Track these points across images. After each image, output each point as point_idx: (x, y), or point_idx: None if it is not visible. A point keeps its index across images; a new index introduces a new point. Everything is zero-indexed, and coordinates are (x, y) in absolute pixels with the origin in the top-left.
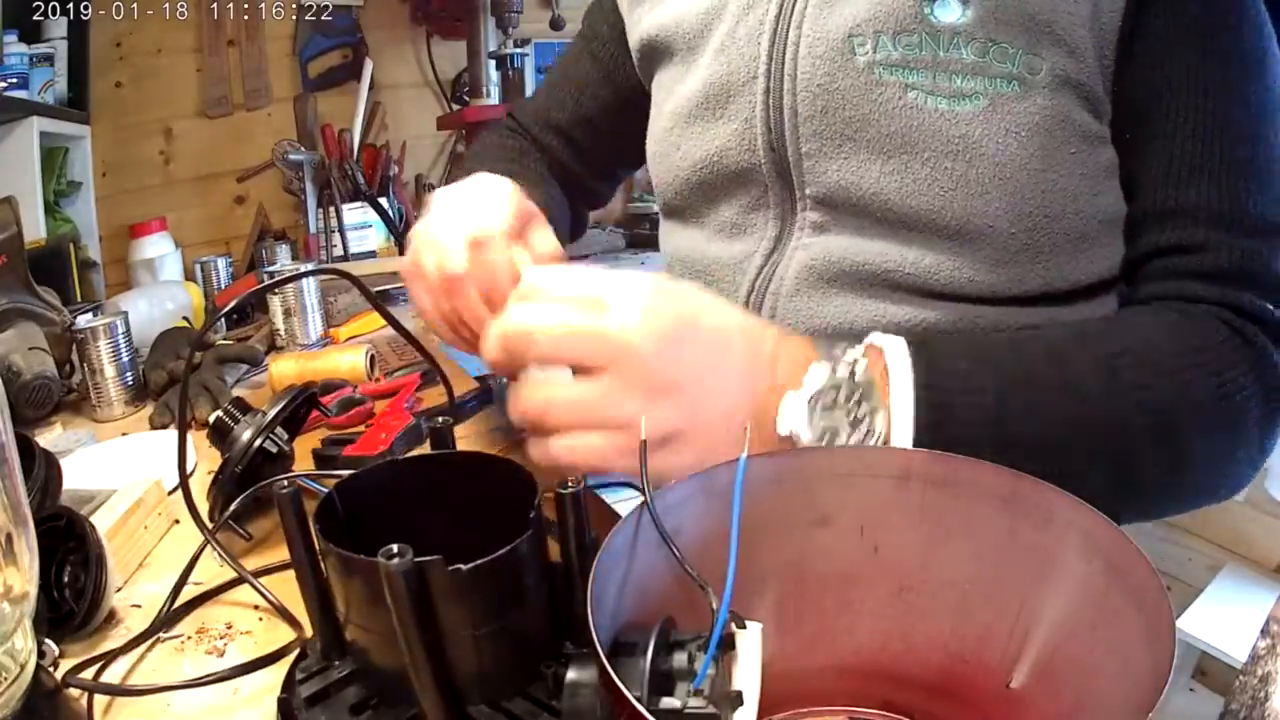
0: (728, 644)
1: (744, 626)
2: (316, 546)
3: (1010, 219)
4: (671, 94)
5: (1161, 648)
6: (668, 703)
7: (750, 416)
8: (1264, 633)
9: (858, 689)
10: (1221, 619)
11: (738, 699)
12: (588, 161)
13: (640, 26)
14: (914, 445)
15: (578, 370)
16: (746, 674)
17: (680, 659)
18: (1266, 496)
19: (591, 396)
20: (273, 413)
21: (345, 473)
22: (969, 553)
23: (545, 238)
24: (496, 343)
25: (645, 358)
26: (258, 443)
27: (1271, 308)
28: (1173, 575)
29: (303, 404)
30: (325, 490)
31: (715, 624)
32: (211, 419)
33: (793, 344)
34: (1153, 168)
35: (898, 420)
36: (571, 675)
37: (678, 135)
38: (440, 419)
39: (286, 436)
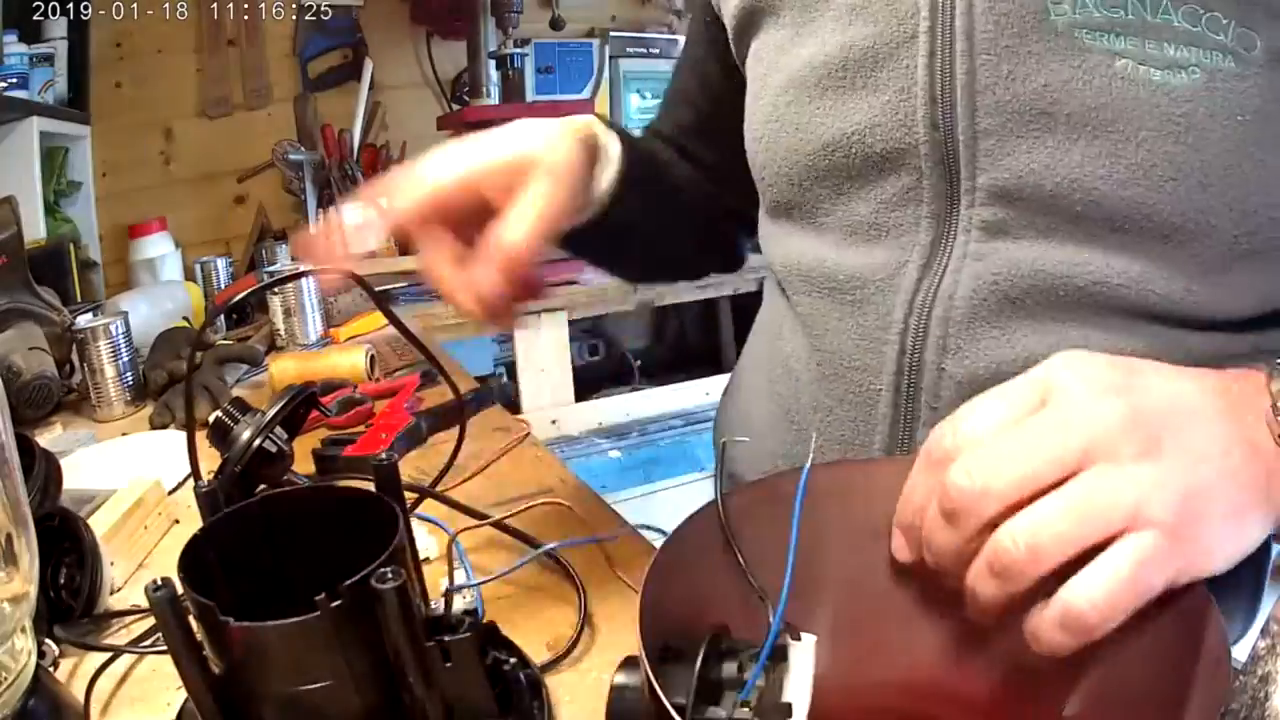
0: (779, 655)
1: (798, 638)
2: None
3: (1235, 216)
4: (780, 64)
5: (1215, 680)
6: (713, 713)
7: (1247, 448)
8: (1264, 633)
9: (911, 707)
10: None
11: (787, 711)
12: (711, 174)
13: None
14: None
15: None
16: (798, 686)
17: (730, 669)
18: None
19: (1095, 494)
20: (272, 412)
21: (348, 477)
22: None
23: (521, 213)
24: (978, 584)
25: (1139, 433)
26: (257, 443)
27: None
28: None
29: (302, 404)
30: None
31: (768, 636)
32: (211, 419)
33: (1230, 371)
34: None
35: None
36: (619, 679)
37: (796, 112)
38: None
39: (286, 436)
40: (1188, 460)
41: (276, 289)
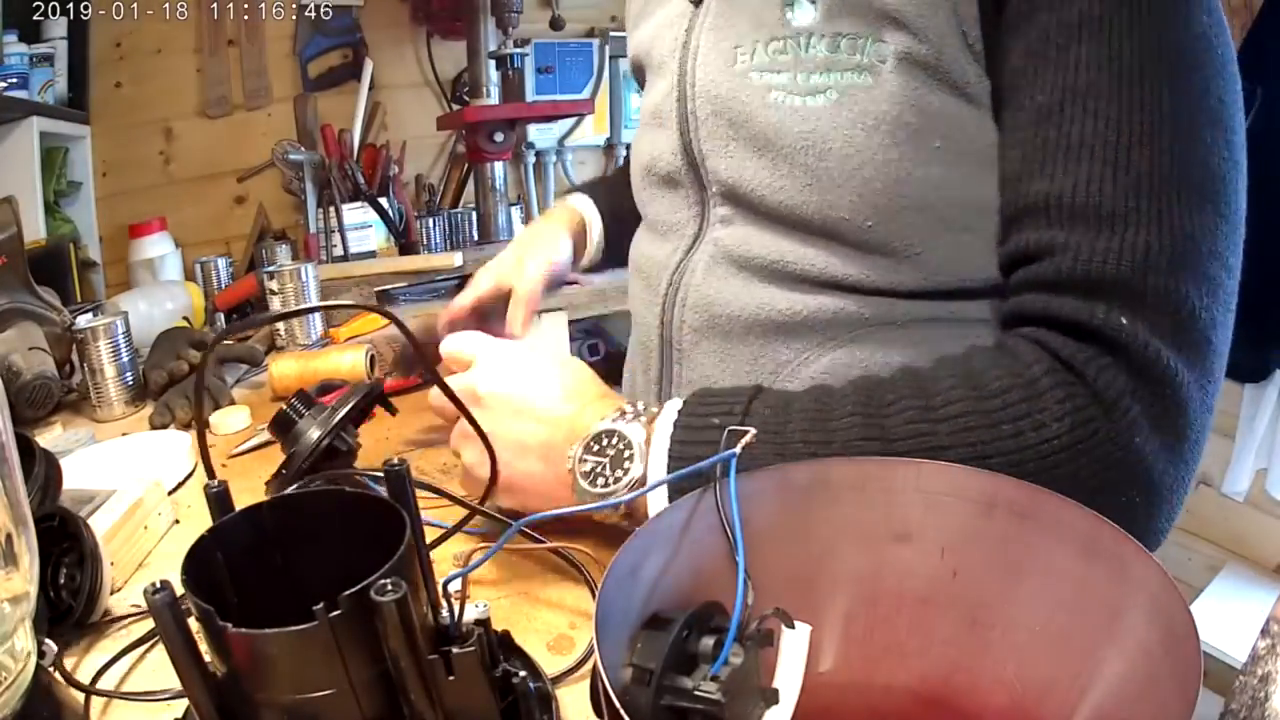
0: (766, 640)
1: (792, 626)
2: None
3: (865, 212)
4: (643, 108)
5: (1188, 690)
6: (680, 682)
7: (544, 450)
8: (1264, 633)
9: (919, 713)
10: (1221, 619)
11: (773, 696)
12: None
13: (630, 46)
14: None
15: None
16: (788, 674)
17: (707, 643)
18: (1266, 496)
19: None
20: (343, 411)
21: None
22: (1044, 595)
23: (524, 282)
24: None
25: (478, 402)
26: (327, 441)
27: (1124, 320)
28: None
29: (371, 401)
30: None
31: (734, 614)
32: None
33: (603, 402)
34: (1010, 156)
35: (654, 459)
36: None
37: (636, 143)
38: (216, 484)
39: (355, 433)
40: (498, 444)
41: (277, 289)
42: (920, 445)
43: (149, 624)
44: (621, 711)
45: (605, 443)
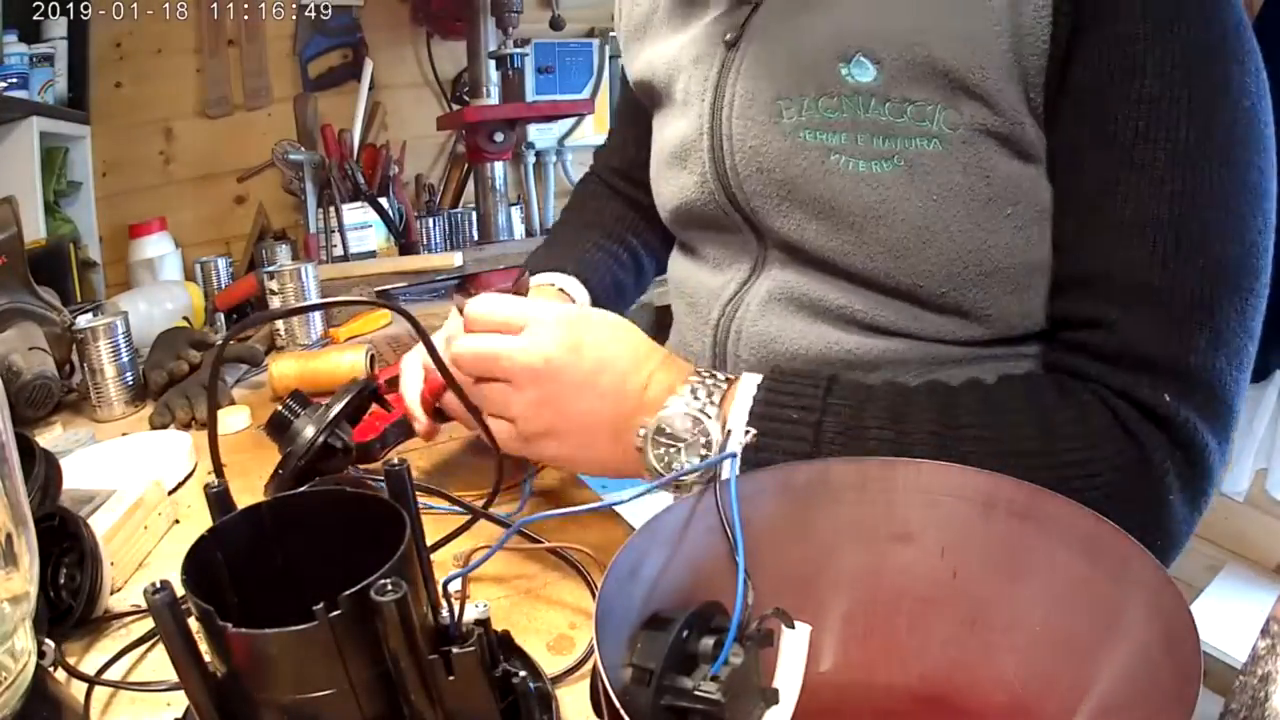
0: (766, 640)
1: (792, 626)
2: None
3: (938, 279)
4: (658, 138)
5: (1188, 693)
6: (680, 681)
7: (610, 429)
8: (1264, 633)
9: (919, 713)
10: (1221, 619)
11: (773, 696)
12: (641, 201)
13: (633, 66)
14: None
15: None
16: (788, 674)
17: (707, 643)
18: (1266, 496)
19: (497, 395)
20: (337, 408)
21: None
22: (1044, 595)
23: None
24: (451, 357)
25: (534, 379)
26: (321, 439)
27: (1168, 397)
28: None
29: (365, 398)
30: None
31: (734, 615)
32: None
33: (669, 369)
34: (1064, 225)
35: (735, 428)
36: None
37: (660, 178)
38: (216, 484)
39: (350, 431)
40: (561, 422)
41: (277, 289)
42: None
43: (149, 623)
44: (621, 711)
45: (680, 428)
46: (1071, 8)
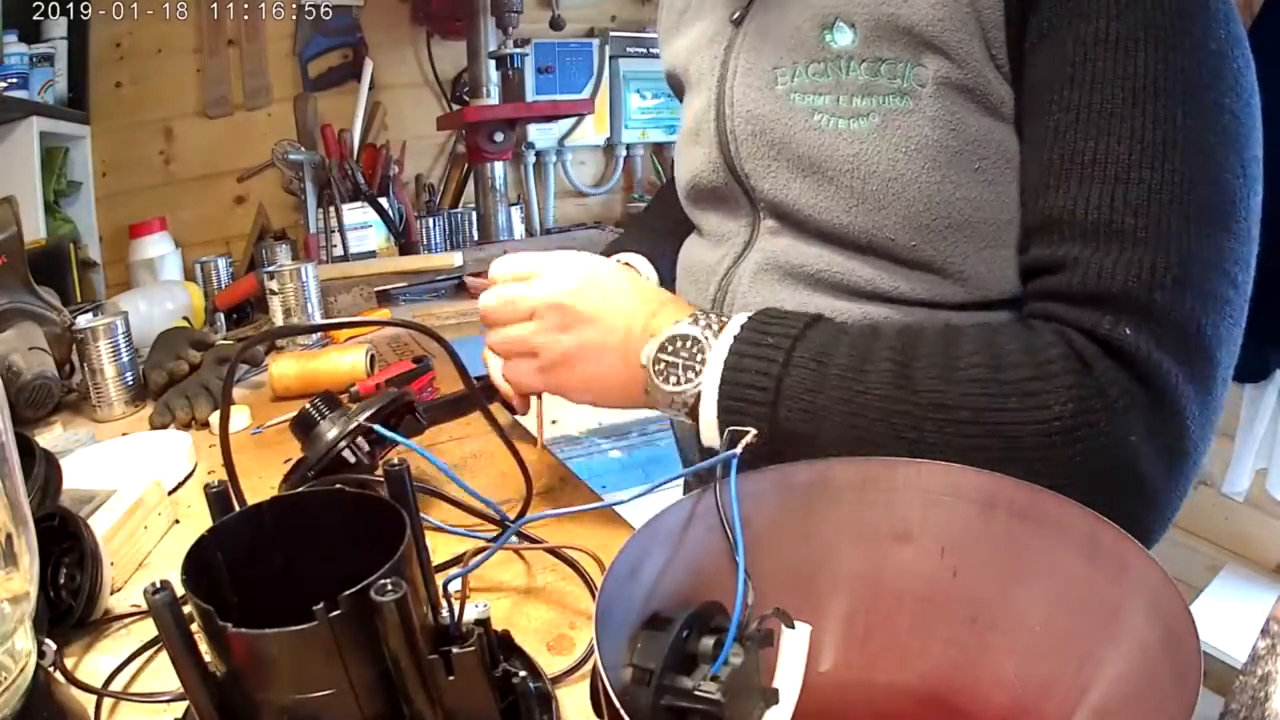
0: (766, 640)
1: (792, 626)
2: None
3: (909, 231)
4: (681, 121)
5: (1187, 693)
6: (680, 682)
7: (621, 353)
8: (1264, 633)
9: (919, 713)
10: (1221, 619)
11: (773, 696)
12: None
13: (665, 60)
14: (718, 395)
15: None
16: (788, 674)
17: (707, 643)
18: (1267, 496)
19: (520, 332)
20: (362, 416)
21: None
22: (1044, 595)
23: None
24: (481, 312)
25: (552, 308)
26: (340, 445)
27: (1129, 331)
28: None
29: (399, 409)
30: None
31: (734, 615)
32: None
33: (674, 306)
34: (1029, 170)
35: (709, 369)
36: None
37: (679, 157)
38: (216, 484)
39: (367, 448)
40: (576, 346)
41: (277, 289)
42: (934, 400)
43: (149, 623)
44: (621, 711)
45: (679, 345)
46: None
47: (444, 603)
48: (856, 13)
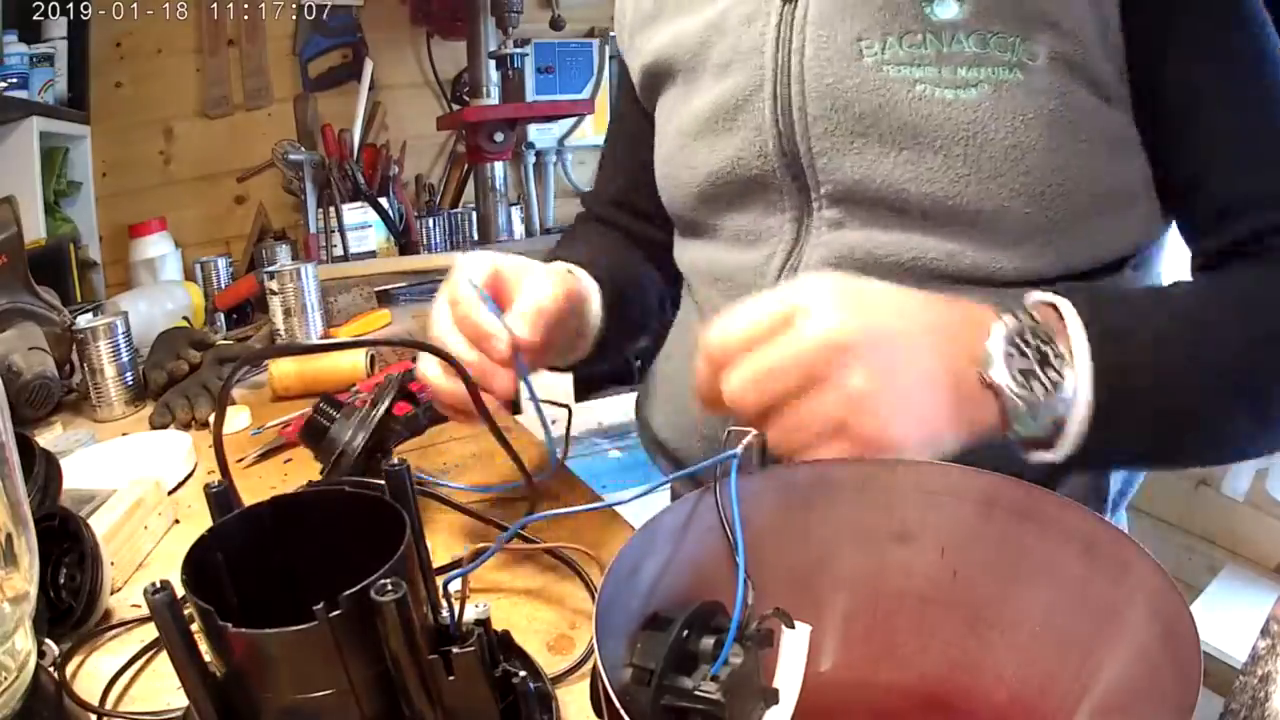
0: (766, 640)
1: (792, 626)
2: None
3: (1025, 199)
4: (675, 114)
5: (1188, 691)
6: (681, 682)
7: (950, 379)
8: (1264, 633)
9: (919, 713)
10: (1221, 619)
11: (773, 696)
12: (659, 224)
13: (641, 55)
14: (1094, 391)
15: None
16: (788, 674)
17: (708, 643)
18: (1267, 496)
19: (807, 415)
20: (383, 408)
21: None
22: (1044, 595)
23: (534, 283)
24: (732, 401)
25: (850, 352)
26: (362, 439)
27: None
28: (1173, 576)
29: (396, 397)
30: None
31: (734, 615)
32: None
33: (964, 305)
34: (1196, 151)
35: (1079, 363)
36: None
37: (688, 153)
38: (216, 484)
39: (391, 430)
40: (894, 383)
41: (277, 289)
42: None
43: (151, 625)
44: (621, 711)
45: (1027, 337)
46: None
47: (444, 603)
48: None
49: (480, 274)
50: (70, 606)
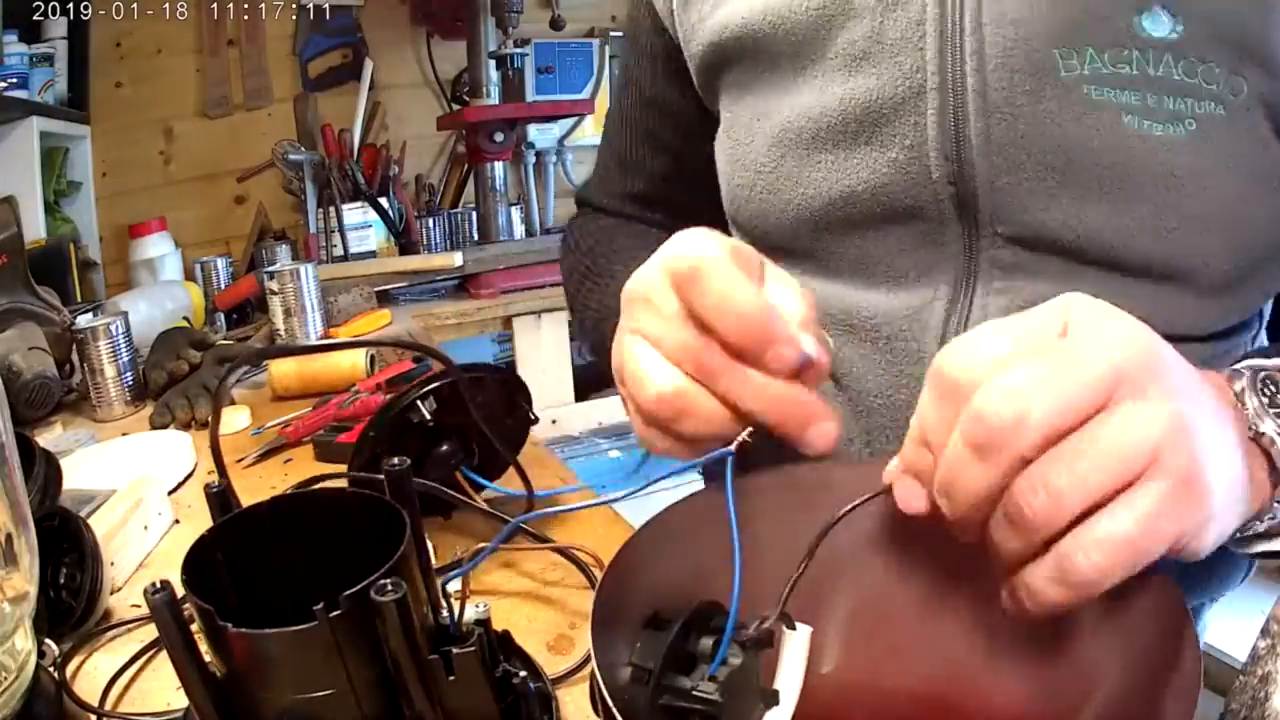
0: (766, 641)
1: (793, 627)
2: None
3: (1230, 254)
4: (772, 111)
5: (1189, 695)
6: (679, 681)
7: (1237, 427)
8: (1264, 633)
9: (921, 715)
10: (1222, 619)
11: (773, 698)
12: (692, 218)
13: (705, 27)
14: None
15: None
16: (788, 675)
17: (707, 643)
18: None
19: (1132, 427)
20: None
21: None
22: None
23: (781, 290)
24: (960, 471)
25: (1150, 373)
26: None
27: None
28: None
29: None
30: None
31: (730, 614)
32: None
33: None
34: None
35: None
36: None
37: (794, 165)
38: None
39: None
40: (1203, 413)
41: (277, 289)
42: None
43: (151, 625)
44: (614, 709)
45: (1267, 384)
46: None
47: (444, 603)
48: (1187, 2)
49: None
50: (70, 606)
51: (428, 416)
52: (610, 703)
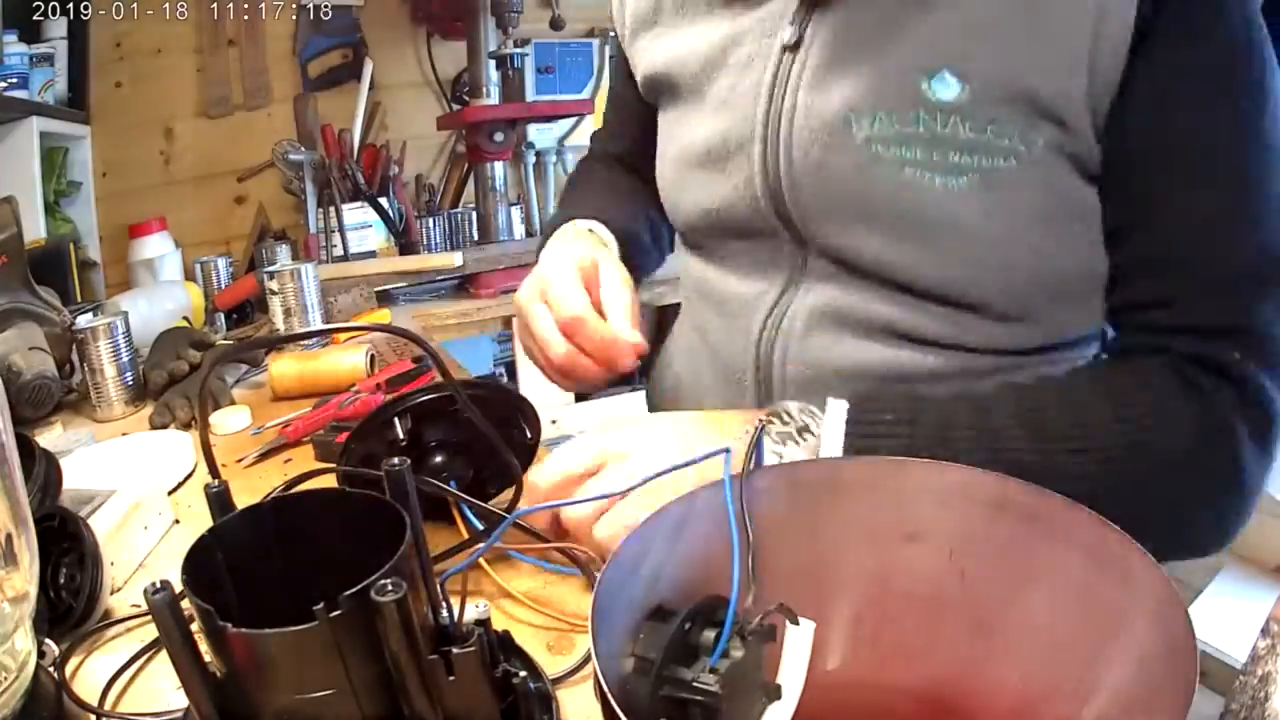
0: (768, 635)
1: (796, 622)
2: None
3: (1006, 292)
4: (675, 136)
5: (1186, 688)
6: (680, 673)
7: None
8: (1264, 633)
9: (923, 714)
10: (1221, 619)
11: (775, 692)
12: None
13: (644, 58)
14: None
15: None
16: (791, 670)
17: (709, 636)
18: (1267, 496)
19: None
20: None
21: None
22: (1050, 599)
23: (610, 276)
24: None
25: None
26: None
27: (1238, 356)
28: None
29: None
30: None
31: (729, 608)
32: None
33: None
34: (1125, 220)
35: (827, 443)
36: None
37: (685, 180)
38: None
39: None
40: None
41: (277, 289)
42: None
43: (151, 625)
44: (610, 698)
45: (784, 419)
46: (1140, 43)
47: (444, 603)
48: (972, 68)
49: (578, 280)
50: (70, 606)
51: (401, 436)
52: (606, 689)
